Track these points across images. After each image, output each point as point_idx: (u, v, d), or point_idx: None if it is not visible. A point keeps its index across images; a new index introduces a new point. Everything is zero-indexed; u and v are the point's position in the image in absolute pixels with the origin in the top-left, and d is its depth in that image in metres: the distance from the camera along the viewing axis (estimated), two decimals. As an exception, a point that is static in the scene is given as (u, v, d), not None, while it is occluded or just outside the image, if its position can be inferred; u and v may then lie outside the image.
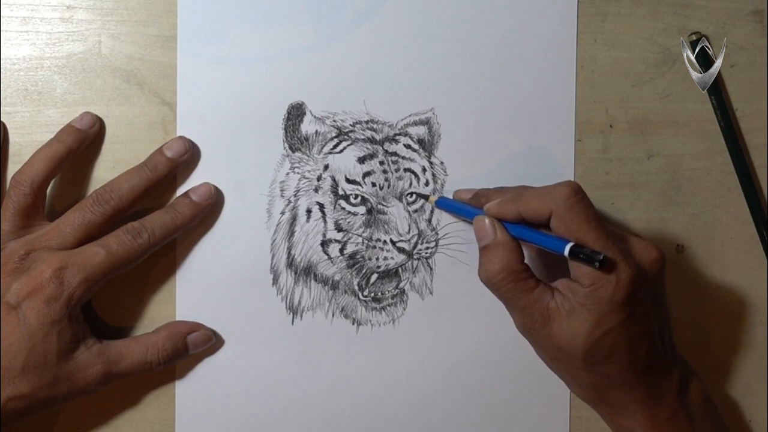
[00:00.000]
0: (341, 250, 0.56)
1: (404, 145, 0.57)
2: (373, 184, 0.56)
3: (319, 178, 0.56)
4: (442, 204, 0.56)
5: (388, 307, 0.57)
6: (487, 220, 0.51)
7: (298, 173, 0.56)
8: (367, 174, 0.56)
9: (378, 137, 0.56)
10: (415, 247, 0.57)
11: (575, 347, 0.48)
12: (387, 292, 0.57)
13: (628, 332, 0.48)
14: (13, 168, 0.54)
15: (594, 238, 0.47)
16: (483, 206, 0.52)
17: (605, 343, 0.48)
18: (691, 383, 0.52)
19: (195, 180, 0.55)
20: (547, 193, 0.49)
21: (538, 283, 0.50)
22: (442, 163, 0.57)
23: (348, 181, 0.56)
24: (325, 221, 0.56)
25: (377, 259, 0.57)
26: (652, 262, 0.50)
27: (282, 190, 0.56)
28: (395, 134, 0.57)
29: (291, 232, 0.56)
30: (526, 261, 0.50)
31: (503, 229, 0.50)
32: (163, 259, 0.55)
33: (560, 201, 0.48)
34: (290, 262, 0.56)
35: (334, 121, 0.56)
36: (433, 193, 0.57)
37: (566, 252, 0.47)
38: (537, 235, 0.50)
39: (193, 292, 0.55)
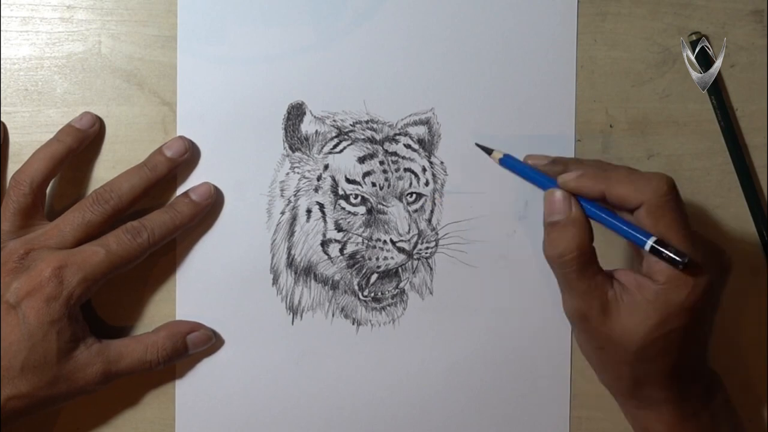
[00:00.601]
0: (341, 250, 0.56)
1: (404, 145, 0.57)
2: (373, 184, 0.56)
3: (319, 178, 0.56)
4: (509, 163, 0.52)
5: (388, 307, 0.57)
6: (560, 194, 0.48)
7: (298, 173, 0.56)
8: (367, 174, 0.56)
9: (378, 137, 0.56)
10: (415, 247, 0.57)
11: (630, 342, 0.47)
12: (387, 292, 0.57)
13: (685, 336, 0.48)
14: (13, 168, 0.54)
15: (681, 239, 0.46)
16: (557, 176, 0.49)
17: (661, 343, 0.47)
18: (717, 391, 0.52)
19: (195, 180, 0.55)
20: (641, 181, 0.47)
21: (601, 270, 0.48)
22: (442, 163, 0.57)
23: (348, 181, 0.56)
24: (325, 221, 0.56)
25: (377, 259, 0.57)
26: (725, 269, 0.49)
27: (282, 190, 0.56)
28: (395, 134, 0.57)
29: (291, 232, 0.56)
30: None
31: (579, 206, 0.48)
32: (163, 258, 0.55)
33: (655, 194, 0.46)
34: (290, 262, 0.56)
35: (334, 121, 0.56)
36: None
37: (647, 246, 0.46)
38: (617, 221, 0.47)
39: (193, 292, 0.55)
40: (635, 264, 0.51)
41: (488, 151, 0.52)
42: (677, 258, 0.45)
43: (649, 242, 0.46)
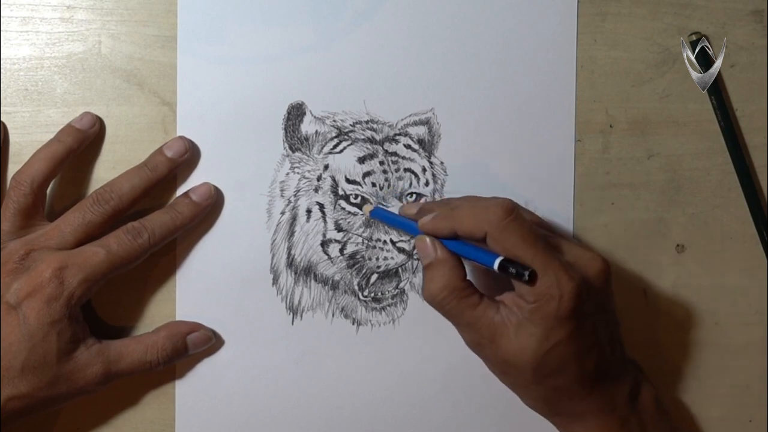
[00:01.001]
0: (341, 250, 0.56)
1: (404, 145, 0.57)
2: (373, 184, 0.56)
3: (319, 178, 0.56)
4: (378, 215, 0.55)
5: (388, 307, 0.57)
6: (427, 239, 0.50)
7: (298, 173, 0.56)
8: (367, 174, 0.56)
9: (378, 137, 0.56)
10: (415, 247, 0.57)
11: (524, 361, 0.48)
12: (387, 292, 0.57)
13: (576, 345, 0.48)
14: (13, 168, 0.54)
15: (531, 255, 0.47)
16: (418, 220, 0.52)
17: (554, 357, 0.48)
18: (642, 389, 0.53)
19: (195, 180, 0.55)
20: (480, 212, 0.49)
21: (482, 298, 0.49)
22: (442, 163, 0.57)
23: (348, 181, 0.56)
24: (325, 221, 0.56)
25: (377, 259, 0.57)
26: (598, 273, 0.50)
27: (282, 190, 0.56)
28: (395, 134, 0.57)
29: (291, 232, 0.56)
30: (472, 278, 0.50)
31: (443, 247, 0.50)
32: (163, 259, 0.55)
33: (493, 222, 0.48)
34: (290, 262, 0.56)
35: (334, 121, 0.56)
36: (371, 203, 0.56)
37: (495, 266, 0.48)
38: (470, 250, 0.50)
39: (193, 292, 0.55)
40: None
41: (359, 207, 0.56)
42: (520, 273, 0.47)
43: (497, 262, 0.48)
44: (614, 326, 0.52)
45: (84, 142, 0.54)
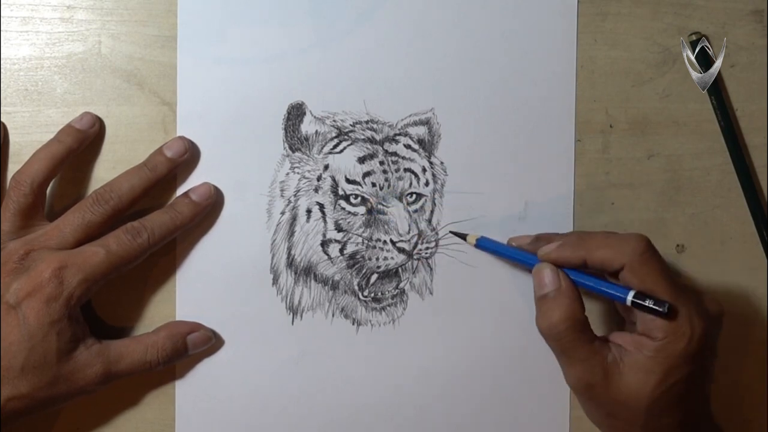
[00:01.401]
0: (341, 250, 0.56)
1: (404, 145, 0.57)
2: (373, 184, 0.56)
3: (319, 178, 0.56)
4: (486, 245, 0.55)
5: (388, 307, 0.57)
6: (548, 269, 0.50)
7: (298, 173, 0.56)
8: (367, 174, 0.56)
9: (378, 137, 0.56)
10: (415, 247, 0.57)
11: (638, 401, 0.48)
12: (387, 292, 0.57)
13: (690, 385, 0.48)
14: (13, 168, 0.54)
15: (666, 290, 0.47)
16: (538, 250, 0.51)
17: (669, 396, 0.48)
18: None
19: (195, 180, 0.55)
20: (618, 244, 0.49)
21: (596, 336, 0.49)
22: (442, 163, 0.57)
23: (348, 181, 0.56)
24: (325, 221, 0.56)
25: (377, 259, 0.57)
26: (717, 316, 0.50)
27: (282, 190, 0.56)
28: (395, 134, 0.57)
29: (291, 232, 0.56)
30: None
31: (567, 278, 0.50)
32: (163, 259, 0.55)
33: (634, 254, 0.48)
34: (290, 262, 0.56)
35: (334, 121, 0.56)
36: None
37: (629, 300, 0.47)
38: (599, 283, 0.49)
39: (193, 292, 0.55)
40: (627, 329, 0.52)
41: (462, 237, 0.55)
42: (658, 307, 0.47)
43: (630, 296, 0.47)
44: (711, 374, 0.52)
45: (84, 142, 0.54)
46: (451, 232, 0.56)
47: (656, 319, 0.47)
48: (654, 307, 0.47)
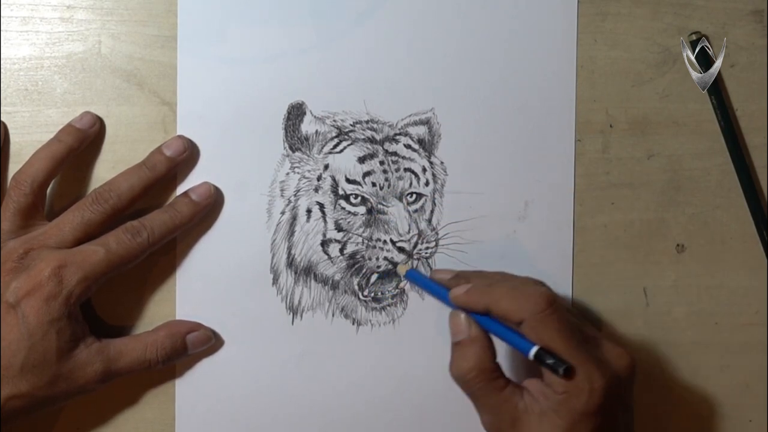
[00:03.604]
0: (341, 250, 0.56)
1: (404, 145, 0.57)
2: (373, 184, 0.56)
3: (319, 178, 0.56)
4: (413, 277, 0.56)
5: (388, 307, 0.57)
6: (462, 316, 0.50)
7: (298, 173, 0.56)
8: (367, 174, 0.56)
9: (378, 137, 0.56)
10: (415, 247, 0.57)
11: None
12: (387, 292, 0.57)
13: None
14: (13, 168, 0.54)
15: (566, 348, 0.47)
16: (451, 289, 0.51)
17: None
18: None
19: (195, 180, 0.55)
20: (521, 298, 0.49)
21: (508, 383, 0.49)
22: (442, 163, 0.57)
23: (348, 181, 0.56)
24: (325, 221, 0.56)
25: (377, 259, 0.57)
26: (625, 369, 0.49)
27: (282, 190, 0.56)
28: (395, 134, 0.57)
29: (291, 232, 0.56)
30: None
31: (477, 325, 0.50)
32: (163, 258, 0.55)
33: (532, 311, 0.48)
34: (290, 262, 0.56)
35: (334, 121, 0.56)
36: (404, 263, 0.56)
37: (531, 355, 0.47)
38: (506, 332, 0.49)
39: (193, 292, 0.55)
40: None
41: (393, 265, 0.56)
42: (556, 367, 0.46)
43: (533, 351, 0.47)
44: (630, 420, 0.51)
45: (84, 142, 0.54)
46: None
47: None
48: (552, 366, 0.47)
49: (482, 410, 0.50)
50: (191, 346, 0.54)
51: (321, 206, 0.56)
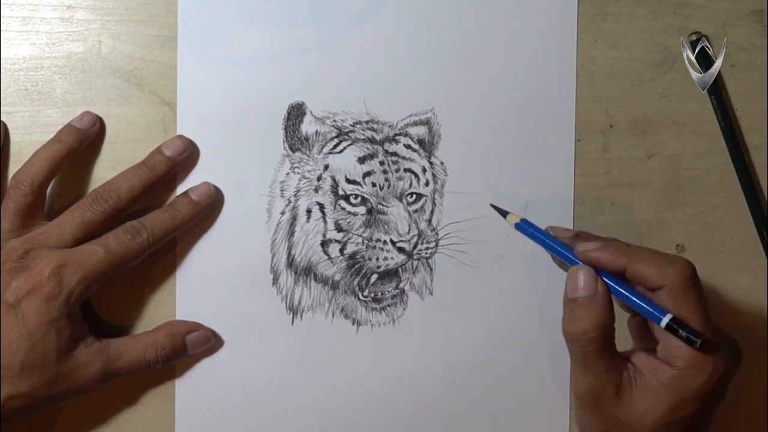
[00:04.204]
0: (341, 250, 0.56)
1: (404, 145, 0.57)
2: (374, 184, 0.56)
3: (319, 178, 0.56)
4: (526, 228, 0.51)
5: (388, 307, 0.57)
6: (585, 272, 0.47)
7: (298, 173, 0.56)
8: (367, 174, 0.56)
9: (378, 137, 0.56)
10: (415, 247, 0.57)
11: (640, 426, 0.46)
12: (387, 292, 0.57)
13: (695, 423, 0.47)
14: (13, 168, 0.54)
15: (701, 322, 0.46)
16: (577, 245, 0.49)
17: (671, 429, 0.46)
18: None
19: (195, 180, 0.55)
20: (664, 262, 0.47)
21: (617, 351, 0.48)
22: (442, 163, 0.57)
23: (348, 181, 0.56)
24: (325, 221, 0.56)
25: (377, 259, 0.56)
26: (735, 361, 0.48)
27: (282, 190, 0.56)
28: (395, 134, 0.57)
29: (291, 232, 0.56)
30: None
31: (604, 284, 0.47)
32: (163, 258, 0.55)
33: (678, 277, 0.46)
34: (290, 262, 0.56)
35: (334, 121, 0.56)
36: (507, 215, 0.52)
37: (663, 323, 0.45)
38: (636, 295, 0.47)
39: (193, 292, 0.55)
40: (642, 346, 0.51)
41: (503, 213, 0.52)
42: (693, 337, 0.45)
43: (666, 319, 0.45)
44: (712, 417, 0.50)
45: (84, 142, 0.54)
46: (491, 205, 0.53)
47: (681, 347, 0.46)
48: (689, 336, 0.45)
49: (587, 372, 0.47)
50: (191, 346, 0.54)
51: (321, 206, 0.56)
